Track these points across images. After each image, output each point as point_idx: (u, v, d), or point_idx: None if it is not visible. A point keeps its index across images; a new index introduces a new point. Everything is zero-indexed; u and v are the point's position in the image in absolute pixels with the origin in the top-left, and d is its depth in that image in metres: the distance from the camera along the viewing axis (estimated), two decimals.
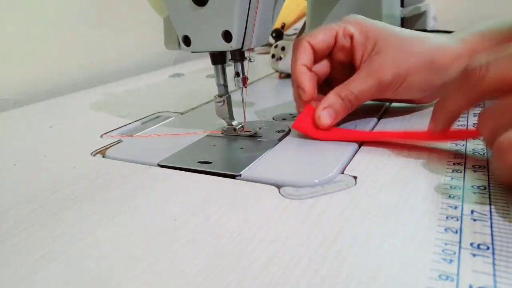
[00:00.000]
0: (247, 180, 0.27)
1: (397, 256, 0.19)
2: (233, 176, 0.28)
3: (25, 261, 0.20)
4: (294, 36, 0.81)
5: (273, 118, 0.40)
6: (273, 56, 0.59)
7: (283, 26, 0.92)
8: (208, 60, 0.35)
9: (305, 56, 0.33)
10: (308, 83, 0.33)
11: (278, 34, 0.91)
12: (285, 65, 0.57)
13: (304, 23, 0.66)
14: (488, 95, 0.23)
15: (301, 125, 0.33)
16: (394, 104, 0.40)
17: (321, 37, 0.34)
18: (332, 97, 0.33)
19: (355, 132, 0.33)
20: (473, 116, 0.35)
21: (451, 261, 0.18)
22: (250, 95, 0.51)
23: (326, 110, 0.32)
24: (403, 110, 0.38)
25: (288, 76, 0.59)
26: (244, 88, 0.34)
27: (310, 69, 0.34)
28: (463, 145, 0.29)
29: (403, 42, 0.33)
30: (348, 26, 0.34)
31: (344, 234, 0.20)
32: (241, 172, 0.28)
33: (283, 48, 0.58)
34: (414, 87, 0.33)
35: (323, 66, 0.36)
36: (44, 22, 0.65)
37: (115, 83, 0.69)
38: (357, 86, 0.33)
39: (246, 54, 0.34)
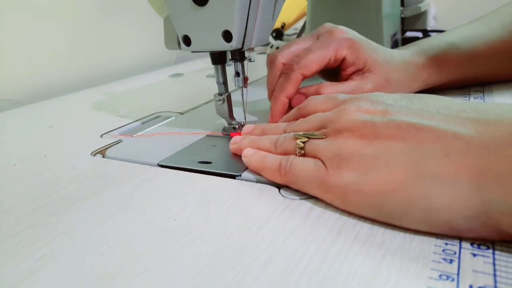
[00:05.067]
0: (247, 180, 0.27)
1: (397, 255, 0.18)
2: (233, 176, 0.28)
3: (25, 261, 0.20)
4: (294, 36, 0.81)
5: None
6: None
7: (283, 26, 0.92)
8: (208, 60, 0.35)
9: (292, 89, 0.35)
10: (279, 115, 0.35)
11: (278, 34, 0.91)
12: None
13: (304, 23, 0.66)
14: None
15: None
16: None
17: (314, 68, 0.35)
18: None
19: None
20: None
21: (451, 261, 0.18)
22: (250, 95, 0.50)
23: None
24: None
25: None
26: (244, 88, 0.34)
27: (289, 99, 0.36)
28: None
29: (388, 61, 0.38)
30: (340, 50, 0.36)
31: (344, 234, 0.20)
32: (241, 172, 0.28)
33: (278, 49, 0.57)
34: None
35: None
36: (44, 22, 0.65)
37: (115, 83, 0.69)
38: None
39: (246, 54, 0.34)
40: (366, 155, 0.21)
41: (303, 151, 0.25)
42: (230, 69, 0.34)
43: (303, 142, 0.25)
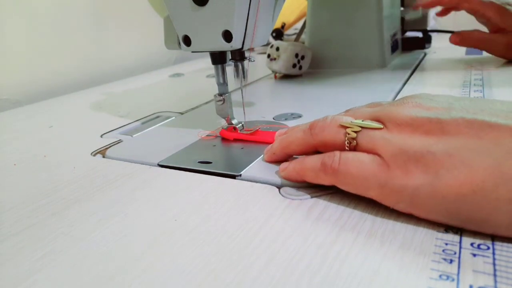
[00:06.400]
0: (247, 180, 0.27)
1: (397, 256, 0.18)
2: (233, 176, 0.28)
3: (25, 261, 0.20)
4: (294, 36, 0.81)
5: (273, 118, 0.40)
6: (268, 55, 0.58)
7: (283, 26, 0.92)
8: (208, 60, 0.35)
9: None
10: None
11: (278, 34, 0.91)
12: (279, 65, 0.56)
13: (304, 23, 0.66)
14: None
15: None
16: None
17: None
18: None
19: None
20: None
21: (451, 261, 0.18)
22: (250, 95, 0.51)
23: None
24: None
25: (283, 76, 0.59)
26: (243, 88, 0.34)
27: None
28: None
29: None
30: None
31: (344, 234, 0.20)
32: (241, 172, 0.28)
33: (277, 49, 0.56)
34: None
35: None
36: (44, 22, 0.65)
37: (115, 83, 0.69)
38: None
39: (246, 54, 0.34)
40: (438, 153, 0.19)
41: (355, 143, 0.22)
42: (230, 69, 0.34)
43: (355, 132, 0.22)
